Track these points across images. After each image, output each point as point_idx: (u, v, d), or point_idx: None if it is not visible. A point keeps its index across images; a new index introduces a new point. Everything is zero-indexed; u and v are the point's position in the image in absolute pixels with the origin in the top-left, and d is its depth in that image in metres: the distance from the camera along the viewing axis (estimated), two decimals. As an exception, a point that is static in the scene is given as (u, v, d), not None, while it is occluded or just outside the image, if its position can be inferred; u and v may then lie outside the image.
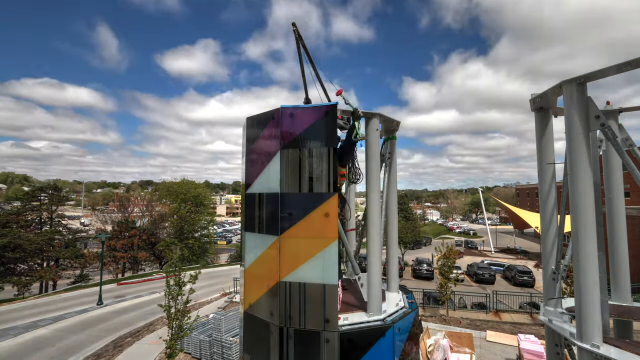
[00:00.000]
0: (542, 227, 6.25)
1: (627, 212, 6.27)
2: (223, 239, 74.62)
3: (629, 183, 30.94)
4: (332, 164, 4.97)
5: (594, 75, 4.75)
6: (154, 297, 24.32)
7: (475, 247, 61.12)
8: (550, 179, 6.18)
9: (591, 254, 4.57)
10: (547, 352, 6.38)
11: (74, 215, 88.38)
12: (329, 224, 4.92)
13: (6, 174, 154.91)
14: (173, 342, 11.31)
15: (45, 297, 25.55)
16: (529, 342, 12.77)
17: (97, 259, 33.97)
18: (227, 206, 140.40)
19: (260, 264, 5.51)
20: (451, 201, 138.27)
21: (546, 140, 6.22)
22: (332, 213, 4.92)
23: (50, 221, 35.84)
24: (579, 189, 4.67)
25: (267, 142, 5.45)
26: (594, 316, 4.49)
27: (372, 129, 6.12)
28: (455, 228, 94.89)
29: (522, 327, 17.72)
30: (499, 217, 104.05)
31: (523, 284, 33.00)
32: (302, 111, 5.15)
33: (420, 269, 36.65)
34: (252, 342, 5.69)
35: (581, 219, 4.63)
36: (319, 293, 4.92)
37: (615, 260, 6.08)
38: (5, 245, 27.98)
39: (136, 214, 51.82)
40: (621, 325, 6.14)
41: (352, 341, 4.93)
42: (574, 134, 4.76)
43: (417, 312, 6.63)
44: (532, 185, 70.65)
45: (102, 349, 15.28)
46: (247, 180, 5.84)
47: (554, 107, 6.15)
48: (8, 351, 15.16)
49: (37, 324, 18.70)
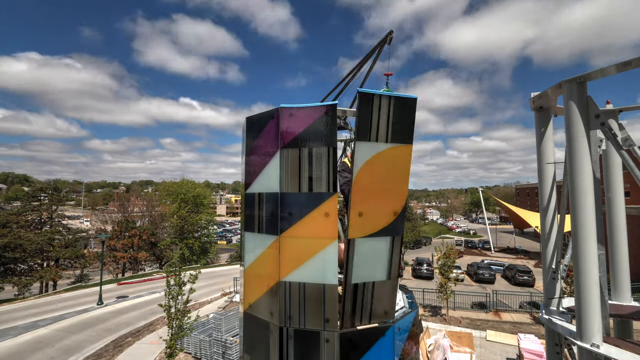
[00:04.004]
0: (542, 226, 6.25)
1: (627, 211, 6.26)
2: (223, 239, 74.68)
3: (629, 182, 30.96)
4: (332, 163, 4.97)
5: (594, 75, 4.76)
6: (154, 297, 24.32)
7: (476, 247, 61.12)
8: (550, 178, 6.18)
9: (591, 254, 4.57)
10: (547, 352, 6.38)
11: (74, 215, 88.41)
12: (329, 223, 4.91)
13: (6, 174, 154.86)
14: (173, 342, 11.32)
15: (45, 297, 25.55)
16: (529, 342, 12.79)
17: (97, 259, 33.97)
18: (227, 206, 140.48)
19: (260, 264, 5.51)
20: (451, 201, 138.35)
21: (546, 140, 6.22)
22: (332, 213, 4.91)
23: (50, 221, 35.85)
24: (579, 188, 4.67)
25: (266, 141, 5.44)
26: (594, 316, 4.49)
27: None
28: (455, 228, 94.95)
29: (522, 327, 17.73)
30: (498, 216, 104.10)
31: (523, 283, 33.01)
32: (301, 111, 5.15)
33: (420, 269, 36.66)
34: (252, 342, 5.69)
35: (581, 218, 4.63)
36: (319, 293, 4.92)
37: (615, 259, 6.08)
38: (5, 245, 27.97)
39: (136, 213, 51.86)
40: (621, 325, 6.14)
41: (352, 341, 4.93)
42: (574, 134, 4.76)
43: (417, 311, 6.64)
44: (532, 185, 70.67)
45: (102, 349, 15.29)
46: (247, 180, 5.84)
47: (554, 106, 6.16)
48: (8, 351, 15.17)
49: (37, 324, 18.69)
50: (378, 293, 5.00)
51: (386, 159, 4.78)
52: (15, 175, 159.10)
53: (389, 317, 5.12)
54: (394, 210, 4.92)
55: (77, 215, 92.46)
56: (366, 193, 4.77)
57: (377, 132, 4.69)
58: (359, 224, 4.79)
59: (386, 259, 4.99)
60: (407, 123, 4.83)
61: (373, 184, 4.78)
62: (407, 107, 4.82)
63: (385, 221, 4.90)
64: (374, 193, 4.81)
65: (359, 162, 4.68)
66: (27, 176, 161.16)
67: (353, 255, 4.83)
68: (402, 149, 4.83)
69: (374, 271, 4.97)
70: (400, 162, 4.85)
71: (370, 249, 4.90)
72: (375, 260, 4.97)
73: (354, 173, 4.66)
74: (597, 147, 5.75)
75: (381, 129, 4.72)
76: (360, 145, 4.66)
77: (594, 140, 5.73)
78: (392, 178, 4.87)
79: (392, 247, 5.00)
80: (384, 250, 4.98)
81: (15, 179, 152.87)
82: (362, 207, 4.76)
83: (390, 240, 4.98)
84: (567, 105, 4.90)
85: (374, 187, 4.80)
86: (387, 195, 4.88)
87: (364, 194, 4.76)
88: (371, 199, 4.81)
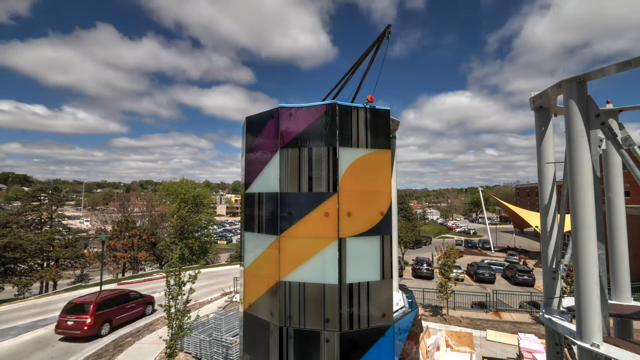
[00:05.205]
0: (542, 226, 6.25)
1: (627, 211, 6.26)
2: (223, 238, 74.67)
3: (629, 182, 30.95)
4: (332, 163, 4.97)
5: (593, 74, 4.76)
6: (154, 297, 24.31)
7: (476, 246, 61.12)
8: (550, 178, 6.18)
9: (591, 253, 4.57)
10: (547, 351, 6.38)
11: (74, 215, 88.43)
12: (329, 223, 4.92)
13: (6, 174, 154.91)
14: (173, 342, 11.31)
15: (45, 297, 25.54)
16: (529, 341, 12.78)
17: (98, 259, 33.98)
18: (227, 206, 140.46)
19: (260, 264, 5.51)
20: (451, 200, 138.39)
21: (546, 140, 6.22)
22: (332, 213, 4.92)
23: (50, 221, 35.84)
24: (579, 188, 4.67)
25: (266, 141, 5.45)
26: (594, 315, 4.49)
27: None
28: (455, 227, 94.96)
29: (522, 326, 17.73)
30: (498, 216, 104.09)
31: (523, 283, 33.01)
32: (301, 110, 5.15)
33: (420, 269, 36.63)
34: (252, 342, 5.69)
35: (581, 218, 4.62)
36: (318, 293, 4.92)
37: (615, 259, 6.08)
38: (5, 245, 27.97)
39: (136, 213, 51.84)
40: (621, 325, 6.14)
41: (352, 341, 4.92)
42: (574, 133, 4.76)
43: (417, 311, 6.64)
44: (532, 185, 70.65)
45: (102, 348, 15.28)
46: (247, 179, 5.84)
47: (554, 106, 6.15)
48: (8, 351, 15.16)
49: (37, 324, 18.68)
50: (373, 294, 5.03)
51: (367, 163, 5.16)
52: (15, 176, 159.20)
53: (387, 320, 5.14)
54: (380, 210, 5.16)
55: (77, 215, 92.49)
56: (352, 194, 5.03)
57: (358, 139, 5.12)
58: (348, 223, 4.94)
59: (378, 258, 5.11)
60: (383, 131, 5.31)
61: (358, 185, 5.07)
62: (382, 117, 5.32)
63: (373, 221, 5.10)
64: (359, 193, 5.07)
65: (343, 165, 5.00)
66: (27, 176, 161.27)
67: (345, 254, 4.91)
68: (381, 153, 5.24)
69: (367, 271, 5.05)
70: (380, 165, 5.24)
71: (362, 248, 5.02)
72: (367, 260, 5.06)
73: (339, 175, 4.97)
74: (597, 146, 5.75)
75: (361, 136, 5.13)
76: (343, 150, 5.01)
77: (594, 139, 5.73)
78: (374, 180, 5.19)
79: (383, 247, 5.13)
80: (375, 250, 5.10)
81: (15, 179, 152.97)
82: (350, 207, 4.97)
83: (380, 239, 5.13)
84: (567, 105, 4.90)
85: (359, 188, 5.08)
86: (372, 196, 5.16)
87: (350, 194, 5.01)
88: (358, 199, 5.05)
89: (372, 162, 5.17)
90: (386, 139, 5.33)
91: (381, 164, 5.24)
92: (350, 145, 5.06)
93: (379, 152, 5.23)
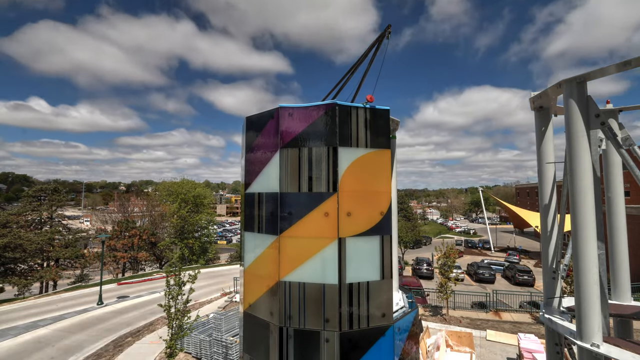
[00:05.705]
0: (542, 226, 6.25)
1: (627, 211, 6.26)
2: (223, 238, 74.66)
3: (629, 182, 30.94)
4: (332, 163, 4.97)
5: (593, 75, 4.76)
6: (154, 296, 24.31)
7: (476, 246, 61.13)
8: (550, 178, 6.17)
9: (591, 253, 4.57)
10: (547, 351, 6.38)
11: (74, 215, 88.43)
12: (329, 223, 4.92)
13: (6, 174, 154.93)
14: (173, 342, 11.32)
15: (45, 297, 25.54)
16: (529, 341, 12.78)
17: (97, 259, 33.98)
18: (227, 206, 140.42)
19: (260, 264, 5.51)
20: (451, 200, 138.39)
21: (546, 140, 6.22)
22: (332, 213, 4.92)
23: (50, 221, 35.85)
24: (579, 188, 4.67)
25: (266, 141, 5.45)
26: (594, 315, 4.49)
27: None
28: (455, 227, 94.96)
29: (522, 326, 17.73)
30: (498, 216, 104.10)
31: (523, 283, 33.00)
32: (301, 110, 5.15)
33: (420, 269, 36.65)
34: (252, 342, 5.69)
35: (581, 218, 4.62)
36: (318, 293, 4.92)
37: (615, 259, 6.08)
38: (6, 245, 27.97)
39: (136, 213, 51.85)
40: (621, 325, 6.14)
41: (352, 341, 4.92)
42: (574, 133, 4.76)
43: (417, 311, 6.64)
44: (532, 185, 70.64)
45: (102, 348, 15.28)
46: (247, 179, 5.83)
47: (554, 106, 6.16)
48: (8, 351, 15.17)
49: (37, 324, 18.68)
50: (373, 293, 5.03)
51: (367, 163, 5.16)
52: (15, 176, 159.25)
53: (387, 320, 5.14)
54: (380, 210, 5.16)
55: (77, 215, 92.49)
56: (352, 194, 5.03)
57: (357, 139, 5.11)
58: (348, 223, 4.94)
59: (378, 258, 5.11)
60: (383, 131, 5.31)
61: (358, 185, 5.06)
62: (381, 117, 5.31)
63: (373, 221, 5.10)
64: (359, 193, 5.07)
65: (343, 165, 5.00)
66: (27, 176, 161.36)
67: (345, 254, 4.91)
68: (380, 153, 5.24)
69: (367, 271, 5.05)
70: (380, 165, 5.24)
71: (361, 248, 5.02)
72: (367, 260, 5.06)
73: (339, 175, 4.96)
74: (597, 146, 5.75)
75: (360, 136, 5.12)
76: (343, 150, 5.01)
77: (594, 139, 5.73)
78: (374, 180, 5.19)
79: (382, 247, 5.13)
80: (375, 250, 5.10)
81: (16, 179, 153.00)
82: (350, 207, 4.96)
83: (380, 239, 5.13)
84: (567, 105, 4.90)
85: (359, 187, 5.08)
86: (372, 196, 5.16)
87: (350, 194, 5.00)
88: (358, 199, 5.05)
89: (372, 162, 5.17)
90: (386, 138, 5.34)
91: (381, 163, 5.24)
92: (350, 145, 5.05)
93: (379, 152, 5.22)
